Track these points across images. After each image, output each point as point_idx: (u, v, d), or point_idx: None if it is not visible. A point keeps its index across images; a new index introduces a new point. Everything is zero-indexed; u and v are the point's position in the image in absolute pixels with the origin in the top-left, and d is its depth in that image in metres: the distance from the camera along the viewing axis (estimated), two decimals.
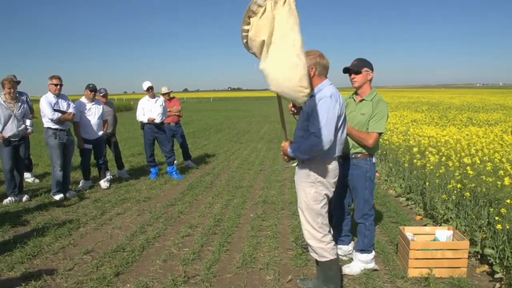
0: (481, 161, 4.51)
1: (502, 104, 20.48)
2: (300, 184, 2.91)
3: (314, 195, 2.85)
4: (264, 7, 2.29)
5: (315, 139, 2.63)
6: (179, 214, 5.10)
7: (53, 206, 5.39)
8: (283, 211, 5.21)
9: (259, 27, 2.34)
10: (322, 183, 2.84)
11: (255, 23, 2.35)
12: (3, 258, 3.73)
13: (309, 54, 2.73)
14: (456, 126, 8.76)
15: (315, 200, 2.85)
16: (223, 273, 3.47)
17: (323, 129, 2.61)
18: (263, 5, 2.30)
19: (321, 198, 2.86)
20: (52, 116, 5.55)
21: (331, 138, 2.63)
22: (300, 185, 2.91)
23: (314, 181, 2.84)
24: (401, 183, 6.05)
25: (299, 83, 2.30)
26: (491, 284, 3.29)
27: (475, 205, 4.05)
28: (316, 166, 2.83)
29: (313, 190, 2.85)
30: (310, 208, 2.86)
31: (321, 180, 2.84)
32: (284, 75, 2.31)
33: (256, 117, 23.32)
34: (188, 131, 14.03)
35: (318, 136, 2.61)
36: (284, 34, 2.29)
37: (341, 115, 2.79)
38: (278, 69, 2.32)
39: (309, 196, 2.86)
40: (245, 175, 7.43)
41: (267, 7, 2.29)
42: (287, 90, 2.35)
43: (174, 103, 8.07)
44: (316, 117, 2.64)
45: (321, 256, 2.91)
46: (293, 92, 2.33)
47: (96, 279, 3.31)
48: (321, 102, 2.66)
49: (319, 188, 2.85)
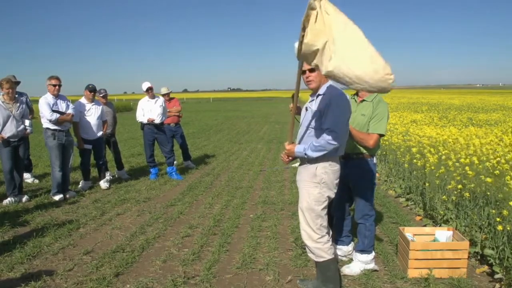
0: (480, 161, 4.51)
1: (501, 104, 20.52)
2: (304, 184, 2.90)
3: (317, 195, 2.84)
4: (316, 9, 2.22)
5: (332, 134, 2.64)
6: (179, 214, 5.10)
7: (52, 207, 5.39)
8: (283, 211, 5.21)
9: (316, 31, 2.23)
10: (327, 185, 2.84)
11: (311, 28, 2.25)
12: (3, 258, 3.72)
13: None
14: (456, 126, 8.76)
15: (317, 201, 2.84)
16: (223, 274, 3.47)
17: (339, 124, 2.65)
18: (315, 7, 2.22)
19: (324, 199, 2.86)
20: (50, 117, 5.55)
21: (346, 133, 2.68)
22: (304, 185, 2.90)
23: (319, 181, 2.83)
24: (401, 184, 6.05)
25: (384, 72, 2.17)
26: (491, 284, 3.29)
27: (475, 205, 4.05)
28: (323, 167, 2.83)
29: (316, 191, 2.84)
30: (311, 209, 2.85)
31: (326, 181, 2.83)
32: (367, 70, 2.17)
33: (256, 117, 23.33)
34: (188, 131, 14.03)
35: (335, 131, 2.63)
36: (342, 30, 2.19)
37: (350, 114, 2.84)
38: (357, 66, 2.17)
39: (312, 196, 2.85)
40: (245, 176, 7.43)
41: (317, 9, 2.21)
42: (375, 83, 2.20)
43: (174, 104, 8.07)
44: (332, 113, 2.67)
45: (319, 256, 2.91)
46: (381, 83, 2.19)
47: (96, 279, 3.30)
48: (335, 99, 2.71)
49: (323, 189, 2.84)
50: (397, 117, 11.03)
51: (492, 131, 7.07)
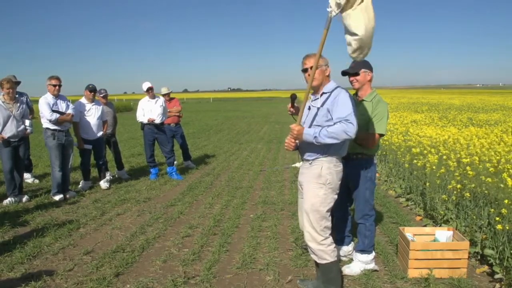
0: (480, 161, 4.51)
1: (502, 104, 20.51)
2: (309, 185, 2.87)
3: (323, 196, 2.83)
4: None
5: (348, 124, 2.65)
6: (179, 214, 5.10)
7: (53, 207, 5.39)
8: (283, 211, 5.21)
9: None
10: (331, 185, 2.84)
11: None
12: (3, 258, 3.72)
13: (322, 56, 2.81)
14: (456, 126, 8.76)
15: (322, 202, 2.83)
16: (223, 274, 3.47)
17: (352, 115, 2.68)
18: None
19: (329, 200, 2.85)
20: (50, 117, 5.55)
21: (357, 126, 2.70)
22: (309, 186, 2.87)
23: (325, 182, 2.82)
24: (401, 184, 6.05)
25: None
26: (491, 284, 3.29)
27: (475, 205, 4.05)
28: (327, 167, 2.83)
29: (322, 191, 2.83)
30: (316, 210, 2.83)
31: (331, 182, 2.83)
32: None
33: (256, 117, 23.33)
34: (188, 131, 14.03)
35: (351, 122, 2.65)
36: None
37: None
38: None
39: (317, 198, 2.82)
40: (245, 176, 7.43)
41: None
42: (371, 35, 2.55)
43: (174, 104, 8.07)
44: (342, 106, 2.72)
45: (321, 258, 2.89)
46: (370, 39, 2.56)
47: (96, 279, 3.30)
48: (342, 95, 2.78)
49: (328, 190, 2.84)
50: (397, 117, 11.03)
51: (492, 131, 7.06)
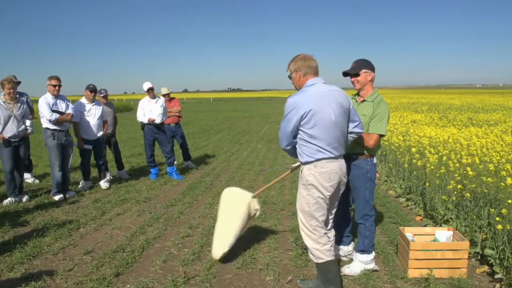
0: (481, 161, 4.51)
1: (502, 104, 20.50)
2: (299, 185, 3.00)
3: (306, 197, 2.91)
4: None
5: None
6: (179, 214, 5.10)
7: (53, 207, 5.39)
8: (283, 211, 5.21)
9: None
10: (314, 186, 2.87)
11: None
12: (3, 258, 3.72)
13: (292, 60, 2.94)
14: (456, 126, 8.76)
15: (307, 203, 2.91)
16: (223, 274, 3.47)
17: (280, 128, 2.99)
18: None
19: (313, 201, 2.88)
20: (50, 117, 5.55)
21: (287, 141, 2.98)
22: (299, 187, 3.00)
23: (306, 183, 2.89)
24: (401, 184, 6.05)
25: None
26: (491, 284, 3.29)
27: (475, 205, 4.05)
28: (308, 168, 2.89)
29: (305, 192, 2.91)
30: (303, 210, 2.94)
31: (312, 183, 2.86)
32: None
33: (256, 117, 23.33)
34: (188, 131, 14.03)
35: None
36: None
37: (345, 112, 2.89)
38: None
39: (302, 198, 2.94)
40: (245, 176, 7.43)
41: None
42: None
43: (174, 104, 8.08)
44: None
45: (317, 258, 2.94)
46: None
47: (96, 279, 3.30)
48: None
49: (311, 191, 2.88)
50: (397, 117, 11.04)
51: (492, 131, 7.06)
